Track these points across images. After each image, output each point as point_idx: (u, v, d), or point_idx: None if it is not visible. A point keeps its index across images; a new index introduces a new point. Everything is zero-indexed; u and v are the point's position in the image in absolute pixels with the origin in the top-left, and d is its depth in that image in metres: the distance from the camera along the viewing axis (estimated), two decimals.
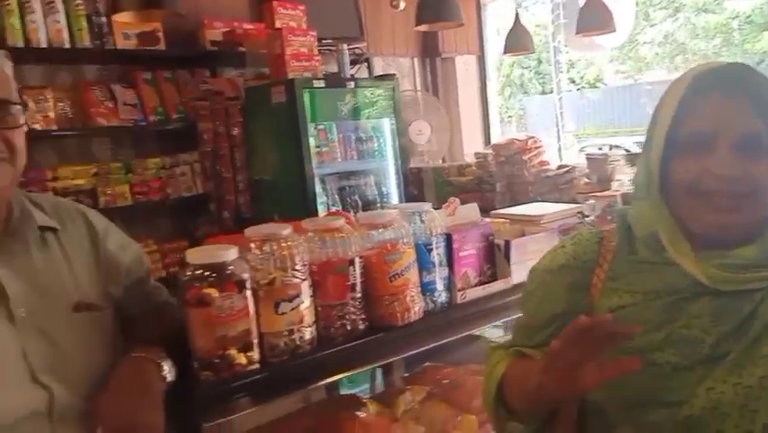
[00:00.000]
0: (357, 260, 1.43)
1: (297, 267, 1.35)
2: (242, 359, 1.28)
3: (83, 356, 1.16)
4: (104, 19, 3.01)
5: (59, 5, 2.91)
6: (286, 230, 1.37)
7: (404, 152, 3.73)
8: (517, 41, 4.19)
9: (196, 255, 1.28)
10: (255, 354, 1.31)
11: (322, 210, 3.35)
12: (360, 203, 3.65)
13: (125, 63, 3.21)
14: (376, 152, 3.63)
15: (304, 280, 1.36)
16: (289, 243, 1.34)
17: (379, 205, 3.62)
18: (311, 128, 3.25)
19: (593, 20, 3.70)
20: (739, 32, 12.89)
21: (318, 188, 3.39)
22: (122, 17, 2.58)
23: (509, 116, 15.92)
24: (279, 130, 3.22)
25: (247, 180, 3.53)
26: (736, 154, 0.95)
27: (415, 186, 4.09)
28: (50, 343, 1.12)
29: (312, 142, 3.28)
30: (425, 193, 4.14)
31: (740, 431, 0.92)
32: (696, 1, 13.26)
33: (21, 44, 2.84)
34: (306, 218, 1.50)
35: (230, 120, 3.37)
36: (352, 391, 1.77)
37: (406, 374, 1.87)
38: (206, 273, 1.24)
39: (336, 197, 3.53)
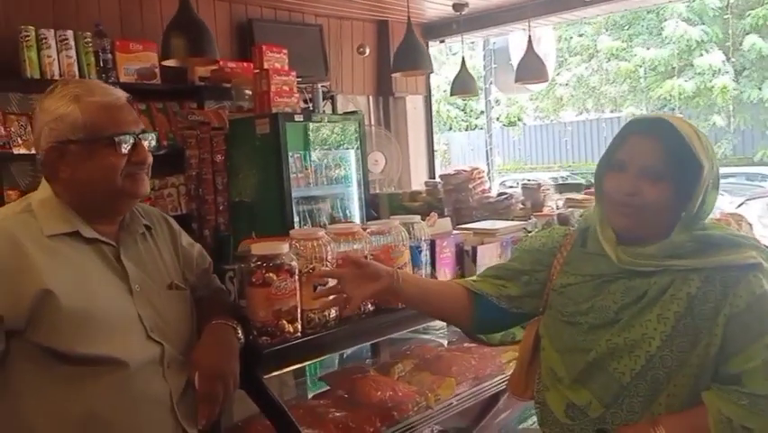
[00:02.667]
0: (369, 256, 1.89)
1: (329, 259, 1.79)
2: (290, 328, 1.67)
3: (177, 322, 1.52)
4: (109, 56, 3.38)
5: (72, 42, 3.26)
6: (320, 232, 1.82)
7: (367, 179, 4.20)
8: (463, 84, 4.78)
9: (259, 248, 1.69)
10: (299, 325, 1.70)
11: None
12: (326, 223, 4.08)
13: None
14: (343, 179, 4.08)
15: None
16: (323, 241, 1.79)
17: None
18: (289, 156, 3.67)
19: (530, 72, 4.32)
20: (645, 79, 14.03)
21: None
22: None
23: (435, 151, 16.48)
24: (262, 157, 3.63)
25: (226, 202, 3.89)
26: (639, 179, 1.31)
27: (373, 208, 4.55)
28: (155, 311, 1.47)
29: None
30: (381, 215, 4.61)
31: (626, 367, 1.30)
32: (609, 47, 14.27)
33: (37, 76, 3.17)
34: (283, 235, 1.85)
35: (214, 148, 3.73)
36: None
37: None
38: (267, 262, 1.63)
39: (307, 216, 3.95)
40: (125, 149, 1.42)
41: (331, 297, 1.57)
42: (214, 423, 1.57)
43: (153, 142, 1.52)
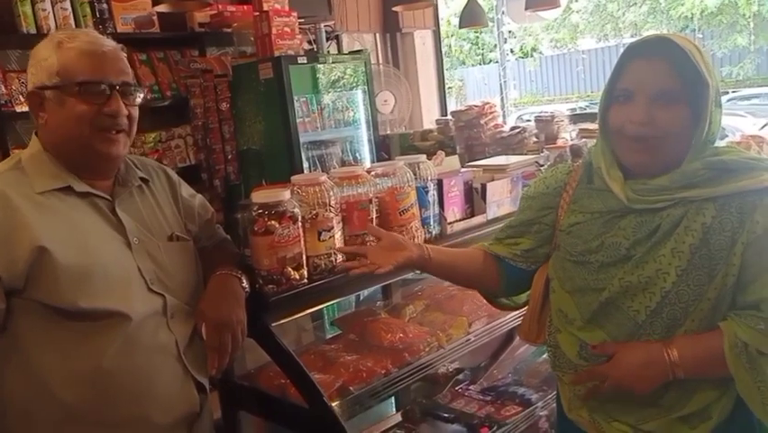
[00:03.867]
0: (374, 199, 1.86)
1: (332, 205, 1.76)
2: (295, 275, 1.67)
3: (179, 273, 1.53)
4: (105, 5, 3.29)
5: None
6: (323, 177, 1.78)
7: (375, 120, 4.13)
8: (472, 15, 4.62)
9: (260, 196, 1.67)
10: (304, 272, 1.70)
11: None
12: (337, 167, 4.04)
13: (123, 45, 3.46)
14: (352, 121, 4.01)
15: (337, 215, 1.78)
16: (325, 186, 1.76)
17: None
18: (295, 100, 3.61)
19: None
20: None
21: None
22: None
23: (449, 87, 16.23)
24: (267, 103, 3.57)
25: (234, 151, 3.87)
26: (650, 106, 1.22)
27: (384, 150, 4.49)
28: (156, 264, 1.48)
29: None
30: (391, 157, 4.55)
31: (641, 305, 1.27)
32: None
33: (33, 30, 3.11)
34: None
35: (218, 96, 3.68)
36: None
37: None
38: (269, 210, 1.62)
39: (317, 162, 3.91)
40: (95, 98, 1.37)
41: (359, 269, 1.56)
42: (225, 371, 1.60)
43: (139, 98, 1.47)
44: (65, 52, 1.36)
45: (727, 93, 12.61)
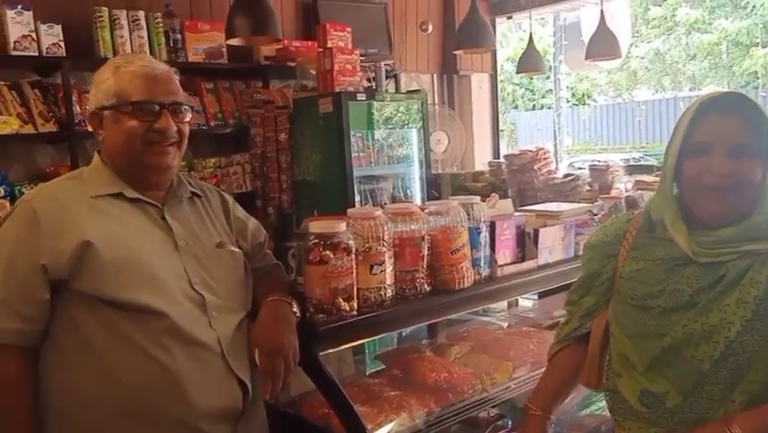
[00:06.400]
0: (427, 237, 1.88)
1: (385, 239, 1.78)
2: (346, 306, 1.69)
3: (225, 278, 1.58)
4: (179, 36, 3.46)
5: (143, 22, 3.35)
6: (378, 211, 1.81)
7: (428, 158, 4.17)
8: (530, 62, 4.66)
9: (317, 226, 1.70)
10: (354, 304, 1.71)
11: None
12: (387, 202, 4.08)
13: (192, 74, 3.63)
14: (404, 158, 4.06)
15: (389, 249, 1.80)
16: (380, 221, 1.78)
17: None
18: (351, 135, 3.68)
19: (602, 48, 4.15)
20: (727, 54, 13.28)
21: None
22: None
23: (501, 131, 16.14)
24: (325, 136, 3.65)
25: (290, 181, 3.95)
26: (728, 158, 1.27)
27: (434, 189, 4.52)
28: (201, 266, 1.54)
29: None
30: (442, 195, 4.57)
31: (705, 354, 1.27)
32: (688, 18, 13.50)
33: (111, 55, 3.27)
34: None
35: (278, 126, 3.78)
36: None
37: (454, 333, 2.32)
38: (324, 241, 1.65)
39: (368, 196, 3.96)
40: (146, 116, 1.48)
41: None
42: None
43: (188, 116, 1.57)
44: (122, 75, 1.49)
45: None
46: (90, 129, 1.59)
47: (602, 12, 4.39)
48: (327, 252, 1.66)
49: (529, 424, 1.55)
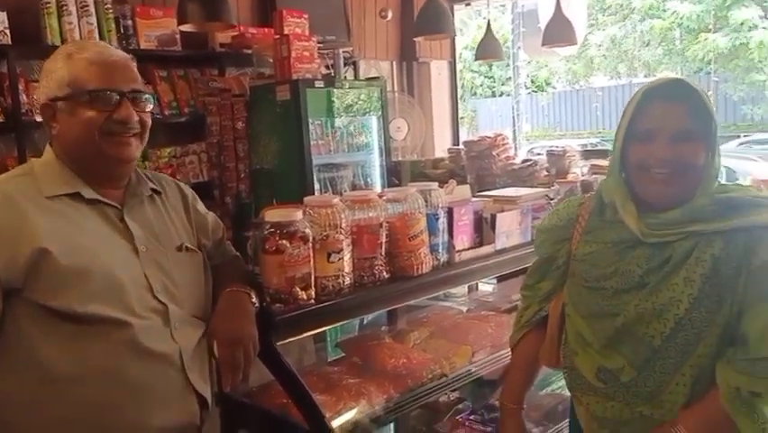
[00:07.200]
0: (385, 224, 1.87)
1: (343, 227, 1.77)
2: (303, 295, 1.67)
3: (186, 283, 1.52)
4: (130, 22, 3.37)
5: (92, 8, 3.25)
6: (335, 199, 1.80)
7: (388, 146, 4.16)
8: (489, 49, 4.68)
9: (273, 215, 1.68)
10: (312, 292, 1.70)
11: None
12: (347, 190, 4.06)
13: (145, 62, 3.53)
14: (364, 146, 4.05)
15: (347, 237, 1.80)
16: (337, 209, 1.77)
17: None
18: (309, 123, 3.65)
19: (557, 34, 4.20)
20: (680, 41, 13.55)
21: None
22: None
23: (461, 118, 16.26)
24: (282, 124, 3.61)
25: (247, 169, 3.89)
26: (670, 144, 1.31)
27: (395, 176, 4.52)
28: (163, 272, 1.46)
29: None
30: (402, 183, 4.58)
31: (656, 331, 1.33)
32: (644, 4, 13.61)
33: (58, 43, 3.17)
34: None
35: (235, 115, 3.71)
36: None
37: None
38: (280, 229, 1.63)
39: (328, 184, 3.94)
40: (105, 105, 1.38)
41: None
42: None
43: (149, 105, 1.48)
44: (75, 63, 1.38)
45: (738, 137, 12.64)
46: (40, 120, 1.49)
47: None
48: (283, 241, 1.64)
49: (507, 419, 1.63)
